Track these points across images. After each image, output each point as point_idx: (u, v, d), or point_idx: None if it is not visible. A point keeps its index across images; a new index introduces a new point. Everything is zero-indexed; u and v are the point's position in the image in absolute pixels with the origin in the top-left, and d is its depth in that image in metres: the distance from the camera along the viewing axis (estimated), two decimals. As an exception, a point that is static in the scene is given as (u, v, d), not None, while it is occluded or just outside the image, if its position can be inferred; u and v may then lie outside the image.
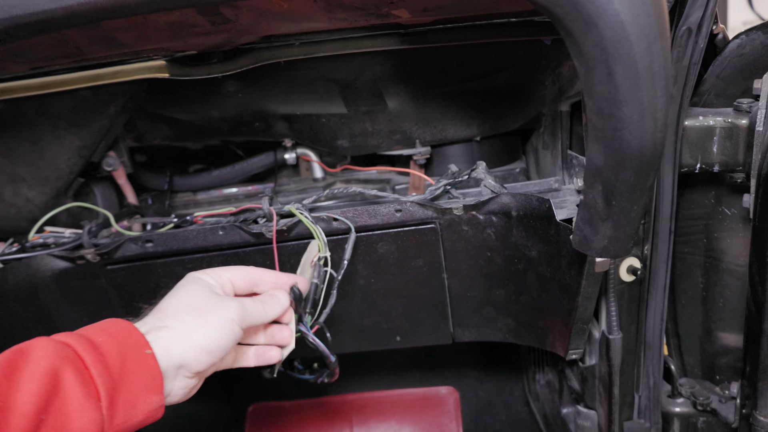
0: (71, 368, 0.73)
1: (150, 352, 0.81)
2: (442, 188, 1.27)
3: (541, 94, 1.41)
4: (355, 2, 0.95)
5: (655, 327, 1.33)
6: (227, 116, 1.43)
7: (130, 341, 0.80)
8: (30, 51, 1.03)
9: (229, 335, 0.89)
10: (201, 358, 0.86)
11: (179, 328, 0.86)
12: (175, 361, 0.84)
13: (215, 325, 0.88)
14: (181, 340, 0.85)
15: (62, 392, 0.71)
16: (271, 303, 0.99)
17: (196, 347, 0.86)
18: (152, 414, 0.81)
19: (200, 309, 0.89)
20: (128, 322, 0.84)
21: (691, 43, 1.06)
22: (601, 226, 0.87)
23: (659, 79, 0.68)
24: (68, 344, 0.76)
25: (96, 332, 0.80)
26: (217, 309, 0.90)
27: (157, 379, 0.81)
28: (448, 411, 2.18)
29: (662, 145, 0.73)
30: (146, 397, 0.79)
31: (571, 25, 0.67)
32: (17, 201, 1.38)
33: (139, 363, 0.79)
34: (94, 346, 0.77)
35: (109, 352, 0.77)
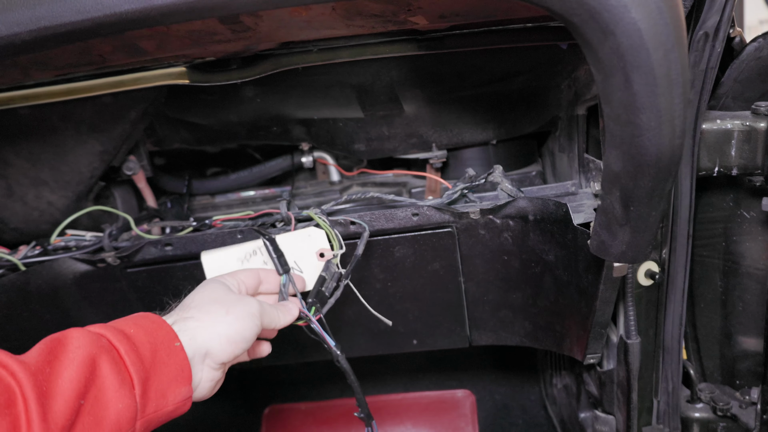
0: (107, 357, 0.75)
1: (179, 344, 0.84)
2: (458, 192, 1.27)
3: (557, 98, 1.41)
4: (373, 10, 0.96)
5: (674, 331, 1.32)
6: (245, 121, 1.44)
7: (160, 334, 0.83)
8: (55, 59, 1.05)
9: (251, 327, 0.92)
10: (225, 348, 0.89)
11: (204, 318, 0.89)
12: (200, 348, 0.87)
13: (238, 315, 0.91)
14: (207, 329, 0.88)
15: (99, 379, 0.74)
16: (284, 311, 1.04)
17: (220, 335, 0.89)
18: (181, 405, 0.84)
19: (224, 302, 0.93)
20: (157, 316, 0.88)
21: (708, 47, 1.06)
22: (619, 231, 0.87)
23: (677, 86, 0.68)
24: (102, 335, 0.79)
25: (128, 324, 0.83)
26: (239, 303, 0.94)
27: (186, 370, 0.84)
28: (464, 414, 2.18)
29: (680, 151, 0.73)
30: (176, 388, 0.82)
31: (589, 33, 0.68)
32: (40, 204, 1.40)
33: (168, 354, 0.82)
34: (127, 337, 0.80)
35: (141, 343, 0.80)
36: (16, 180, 1.36)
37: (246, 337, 0.92)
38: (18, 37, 0.71)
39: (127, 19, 0.69)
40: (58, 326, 1.34)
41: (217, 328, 0.89)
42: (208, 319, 0.90)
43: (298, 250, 1.16)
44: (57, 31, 0.70)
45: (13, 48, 0.73)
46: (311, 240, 1.16)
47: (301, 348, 1.52)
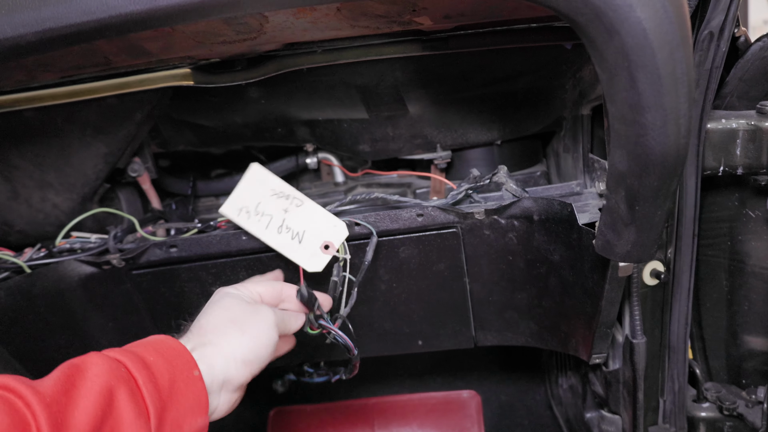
0: (125, 387, 0.74)
1: (198, 374, 0.82)
2: (463, 192, 1.27)
3: (561, 98, 1.41)
4: (378, 10, 0.96)
5: (680, 331, 1.32)
6: (250, 122, 1.45)
7: (179, 362, 0.82)
8: (59, 61, 1.05)
9: (268, 344, 0.92)
10: (241, 371, 0.88)
11: (221, 343, 0.88)
12: (218, 377, 0.86)
13: (254, 334, 0.90)
14: (223, 355, 0.87)
15: (116, 411, 0.72)
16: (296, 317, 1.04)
17: (236, 359, 0.88)
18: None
19: (239, 321, 0.91)
20: (176, 341, 0.86)
21: (713, 46, 1.06)
22: (624, 231, 0.87)
23: (682, 85, 0.68)
24: (121, 362, 0.77)
25: (147, 351, 0.81)
26: (255, 317, 0.92)
27: (203, 401, 0.82)
28: (470, 415, 2.18)
29: (686, 150, 0.73)
30: (192, 419, 0.81)
31: (594, 32, 0.67)
32: (45, 207, 1.40)
33: (187, 385, 0.81)
34: (146, 366, 0.78)
35: (160, 373, 0.79)
36: (21, 182, 1.36)
37: (262, 357, 0.91)
38: (23, 38, 0.71)
39: (132, 20, 0.69)
40: (63, 328, 1.36)
41: (234, 352, 0.88)
42: (224, 342, 0.88)
43: (314, 228, 1.16)
44: (62, 33, 0.70)
45: (19, 49, 0.73)
46: (333, 230, 1.16)
47: (306, 349, 1.52)
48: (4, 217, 1.40)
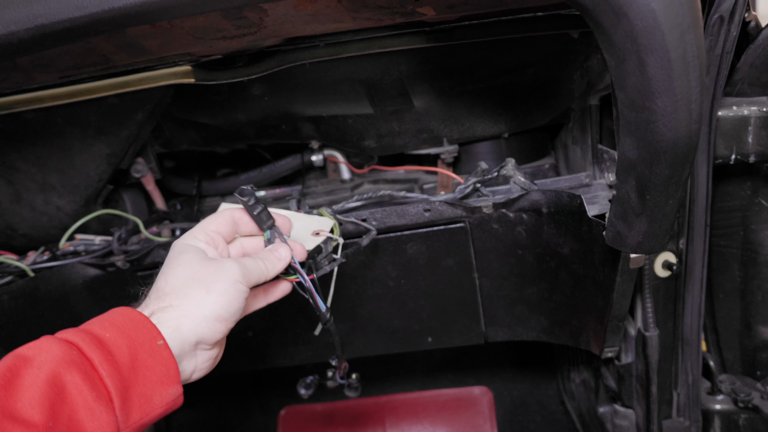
0: (77, 372, 0.70)
1: (162, 343, 0.77)
2: (471, 186, 1.25)
3: (569, 89, 1.39)
4: (379, 1, 0.94)
5: (693, 323, 1.30)
6: (254, 119, 1.43)
7: (140, 334, 0.77)
8: (57, 60, 1.04)
9: (237, 298, 0.85)
10: (215, 328, 0.83)
11: (185, 304, 0.82)
12: (189, 339, 0.81)
13: (221, 291, 0.84)
14: (191, 317, 0.81)
15: (69, 398, 0.68)
16: (272, 259, 0.94)
17: (208, 318, 0.82)
18: (171, 405, 0.78)
19: (201, 279, 0.85)
20: (136, 312, 0.80)
21: (724, 31, 1.04)
22: (635, 221, 0.85)
23: (693, 69, 0.66)
24: (74, 343, 0.73)
25: (104, 326, 0.76)
26: (218, 274, 0.85)
27: (172, 370, 0.78)
28: (482, 411, 2.17)
29: (697, 136, 0.71)
30: (162, 390, 0.76)
31: (601, 16, 0.65)
32: (48, 209, 1.39)
33: (151, 356, 0.76)
34: (102, 344, 0.74)
35: (119, 349, 0.74)
36: (23, 185, 1.35)
37: (234, 310, 0.85)
38: (15, 36, 0.70)
39: (125, 14, 0.68)
40: (68, 331, 1.35)
41: (202, 311, 0.82)
42: (188, 304, 0.82)
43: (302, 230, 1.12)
44: (55, 29, 0.69)
45: (11, 48, 0.71)
46: (320, 222, 1.13)
47: (314, 349, 1.51)
48: (7, 220, 1.39)
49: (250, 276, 0.89)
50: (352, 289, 1.37)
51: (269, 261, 0.93)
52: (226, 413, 2.31)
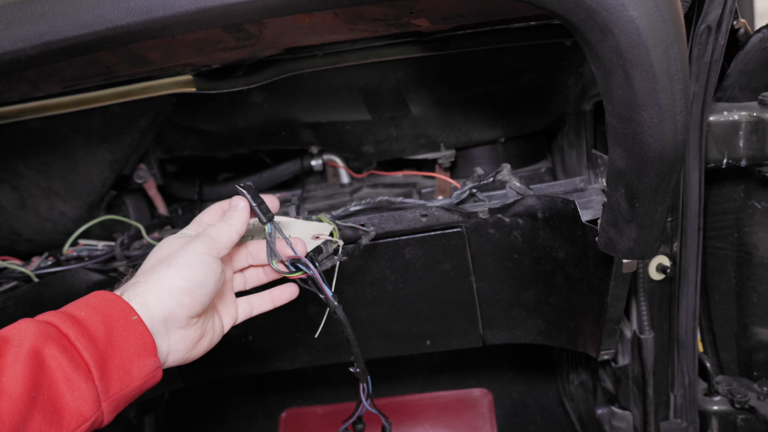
0: (55, 345, 0.72)
1: (136, 318, 0.79)
2: (467, 192, 1.27)
3: (564, 94, 1.40)
4: (375, 14, 0.96)
5: (688, 324, 1.31)
6: (254, 126, 1.45)
7: (114, 311, 0.79)
8: (62, 71, 1.06)
9: (200, 270, 0.85)
10: (180, 300, 0.83)
11: (150, 280, 0.83)
12: (157, 314, 0.82)
13: (182, 264, 0.84)
14: (154, 291, 0.82)
15: (48, 370, 0.71)
16: (233, 215, 0.93)
17: (171, 290, 0.83)
18: (150, 377, 0.80)
19: (167, 257, 0.86)
20: (109, 292, 0.82)
21: (711, 40, 1.05)
22: (626, 228, 0.87)
23: (677, 82, 0.68)
24: (50, 323, 0.75)
25: (78, 307, 0.79)
26: (182, 250, 0.86)
27: (148, 343, 0.79)
28: (482, 413, 2.18)
29: (683, 147, 0.73)
30: (139, 362, 0.78)
31: (588, 32, 0.67)
32: (52, 215, 1.41)
33: (126, 329, 0.78)
34: (77, 321, 0.76)
35: (93, 324, 0.76)
36: (28, 191, 1.37)
37: (201, 281, 0.84)
38: (22, 52, 0.72)
39: (129, 32, 0.70)
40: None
41: (165, 284, 0.83)
42: (153, 279, 0.83)
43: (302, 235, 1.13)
44: (61, 46, 0.71)
45: (18, 64, 0.73)
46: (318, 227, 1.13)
47: (314, 352, 1.52)
48: (12, 226, 1.41)
49: (218, 243, 0.89)
50: (350, 293, 1.39)
51: (231, 218, 0.93)
52: (228, 416, 2.32)
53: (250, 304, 1.02)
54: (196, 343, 0.89)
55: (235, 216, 0.93)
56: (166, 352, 0.85)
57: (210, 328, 0.92)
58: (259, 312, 1.02)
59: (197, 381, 1.57)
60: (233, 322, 0.99)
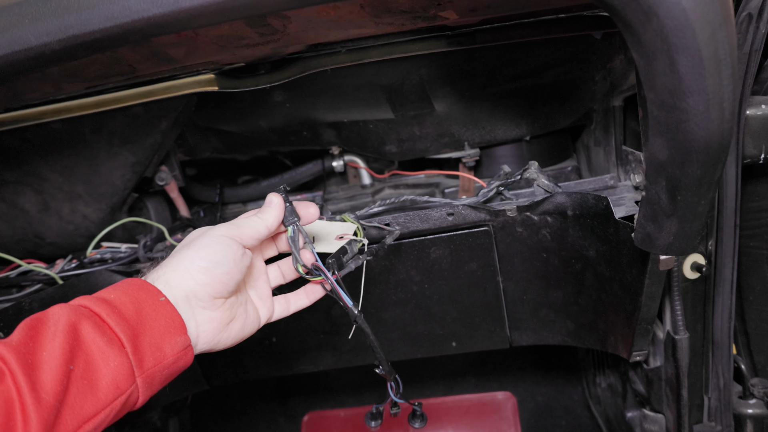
0: (88, 322, 0.75)
1: (164, 299, 0.82)
2: (494, 190, 1.25)
3: (591, 90, 1.38)
4: (402, 6, 0.94)
5: (723, 325, 1.28)
6: (275, 126, 1.44)
7: (141, 293, 0.82)
8: (85, 70, 1.05)
9: (220, 248, 0.87)
10: (199, 279, 0.85)
11: (171, 263, 0.87)
12: (178, 293, 0.84)
13: (201, 244, 0.87)
14: (176, 271, 0.85)
15: (84, 344, 0.74)
16: (265, 210, 0.95)
17: (189, 270, 0.85)
18: (181, 354, 0.82)
19: (188, 242, 0.90)
20: (138, 278, 0.86)
21: (752, 29, 1.02)
22: (665, 222, 0.84)
23: (725, 67, 0.65)
24: (82, 305, 0.79)
25: (108, 291, 0.83)
26: (203, 234, 0.90)
27: (177, 321, 0.82)
28: (506, 417, 2.15)
29: (730, 135, 0.70)
30: (170, 339, 0.81)
31: (630, 16, 0.65)
32: (75, 218, 1.41)
33: (154, 310, 0.81)
34: (107, 302, 0.79)
35: (123, 305, 0.79)
36: (51, 194, 1.37)
37: (219, 260, 0.86)
38: (48, 47, 0.71)
39: (155, 23, 0.68)
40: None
41: (184, 264, 0.86)
42: (174, 262, 0.87)
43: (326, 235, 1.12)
44: (86, 39, 0.70)
45: (44, 58, 0.72)
46: (342, 227, 1.12)
47: (339, 354, 1.50)
48: (35, 229, 1.41)
49: (242, 231, 0.91)
50: (375, 294, 1.37)
51: (261, 211, 0.95)
52: (250, 420, 2.31)
53: (287, 300, 1.04)
54: (226, 326, 0.90)
55: (267, 211, 0.94)
56: (196, 333, 0.86)
57: (242, 313, 0.93)
58: (296, 309, 1.04)
59: (221, 383, 1.56)
60: (270, 315, 1.00)
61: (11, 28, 0.72)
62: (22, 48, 0.73)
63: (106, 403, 0.74)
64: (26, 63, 0.74)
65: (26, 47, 0.72)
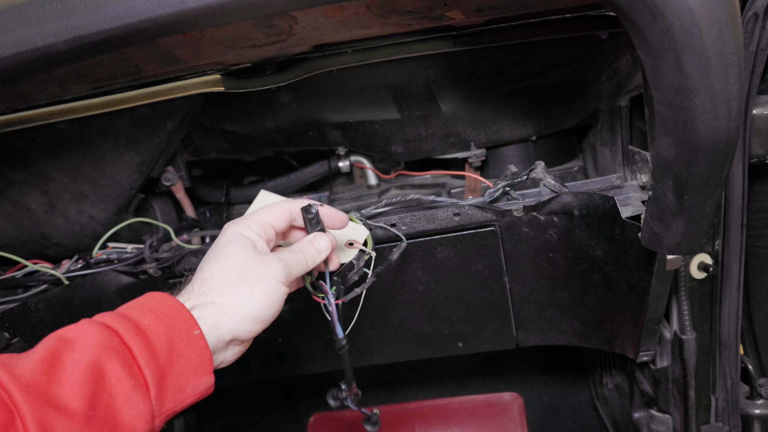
0: (117, 359, 0.70)
1: (198, 332, 0.78)
2: (500, 190, 1.24)
3: (597, 90, 1.37)
4: (408, 6, 0.94)
5: (730, 325, 1.27)
6: (282, 126, 1.44)
7: (177, 322, 0.77)
8: (91, 71, 1.05)
9: (278, 300, 0.86)
10: (251, 328, 0.84)
11: (227, 303, 0.82)
12: (225, 336, 0.82)
13: (263, 292, 0.84)
14: (231, 316, 0.82)
15: (108, 386, 0.69)
16: (312, 252, 0.93)
17: (246, 319, 0.83)
18: (202, 394, 0.80)
19: (245, 277, 0.84)
20: (174, 299, 0.81)
21: (758, 28, 1.02)
22: (672, 222, 0.84)
23: (732, 65, 0.65)
24: (114, 330, 0.74)
25: (143, 313, 0.77)
26: (262, 274, 0.85)
27: (207, 361, 0.79)
28: (512, 418, 2.15)
29: (737, 134, 0.70)
30: (196, 380, 0.77)
31: (636, 15, 0.65)
32: (81, 218, 1.41)
33: (187, 345, 0.77)
34: (141, 332, 0.74)
35: (157, 337, 0.75)
36: (57, 195, 1.37)
37: (273, 312, 0.85)
38: (54, 47, 0.71)
39: (161, 24, 0.69)
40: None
41: (243, 311, 0.82)
42: (230, 303, 0.82)
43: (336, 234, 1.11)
44: (92, 40, 0.70)
45: (50, 59, 0.72)
46: (353, 231, 1.12)
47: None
48: (41, 230, 1.41)
49: (292, 274, 0.89)
50: (382, 294, 1.37)
51: (309, 254, 0.93)
52: (256, 420, 2.31)
53: None
54: (240, 353, 0.89)
55: (315, 255, 0.94)
56: (219, 363, 0.85)
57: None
58: None
59: (228, 384, 1.56)
60: None
61: (18, 29, 0.72)
62: (28, 48, 0.73)
63: None
64: (33, 63, 0.74)
65: (33, 48, 0.72)
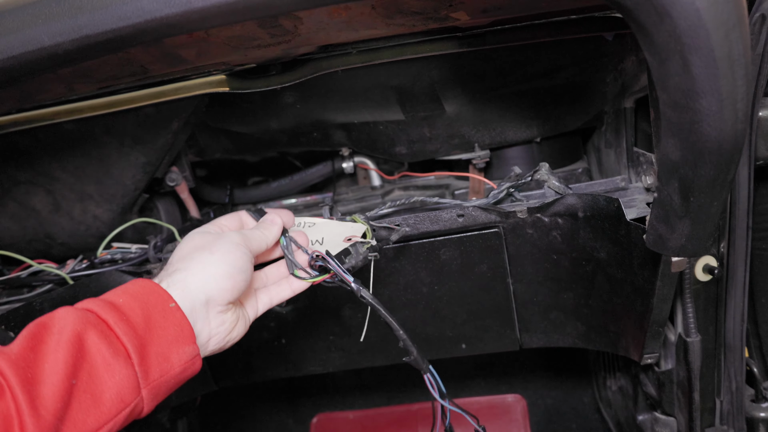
0: (94, 331, 0.74)
1: (174, 305, 0.81)
2: (504, 191, 1.24)
3: (602, 92, 1.37)
4: (413, 7, 0.94)
5: (735, 328, 1.27)
6: (286, 127, 1.44)
7: (152, 298, 0.81)
8: (97, 71, 1.06)
9: (241, 256, 0.89)
10: (224, 285, 0.86)
11: (191, 265, 0.87)
12: (198, 297, 0.84)
13: (224, 251, 0.88)
14: (197, 275, 0.85)
15: (89, 355, 0.72)
16: (266, 224, 1.00)
17: (215, 276, 0.86)
18: (189, 365, 0.82)
19: (205, 245, 0.90)
20: (147, 280, 0.85)
21: (765, 30, 1.01)
22: (678, 224, 0.84)
23: (739, 67, 0.64)
24: (89, 309, 0.77)
25: (117, 294, 0.81)
26: (220, 239, 0.91)
27: (186, 329, 0.81)
28: (515, 420, 2.14)
29: (743, 136, 0.70)
30: (178, 348, 0.80)
31: (643, 16, 0.64)
32: (85, 218, 1.41)
33: (164, 317, 0.80)
34: (116, 308, 0.77)
35: (132, 311, 0.78)
36: (62, 195, 1.37)
37: (241, 267, 0.89)
38: (60, 47, 0.71)
39: (167, 24, 0.69)
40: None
41: (208, 269, 0.86)
42: (194, 265, 0.87)
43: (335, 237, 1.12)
44: (99, 40, 0.70)
45: (57, 59, 0.73)
46: (352, 228, 1.13)
47: (348, 355, 1.50)
48: (46, 230, 1.42)
49: (251, 242, 0.94)
50: (385, 295, 1.37)
51: (264, 227, 1.00)
52: (259, 421, 2.31)
53: (269, 294, 1.04)
54: (232, 329, 0.91)
55: (270, 228, 1.01)
56: (207, 336, 0.87)
57: (242, 316, 0.95)
58: (279, 300, 1.05)
59: (231, 384, 1.56)
60: (256, 312, 1.02)
61: (25, 29, 0.72)
62: (35, 48, 0.74)
63: (109, 417, 0.72)
64: (39, 63, 0.75)
65: (39, 47, 0.73)
